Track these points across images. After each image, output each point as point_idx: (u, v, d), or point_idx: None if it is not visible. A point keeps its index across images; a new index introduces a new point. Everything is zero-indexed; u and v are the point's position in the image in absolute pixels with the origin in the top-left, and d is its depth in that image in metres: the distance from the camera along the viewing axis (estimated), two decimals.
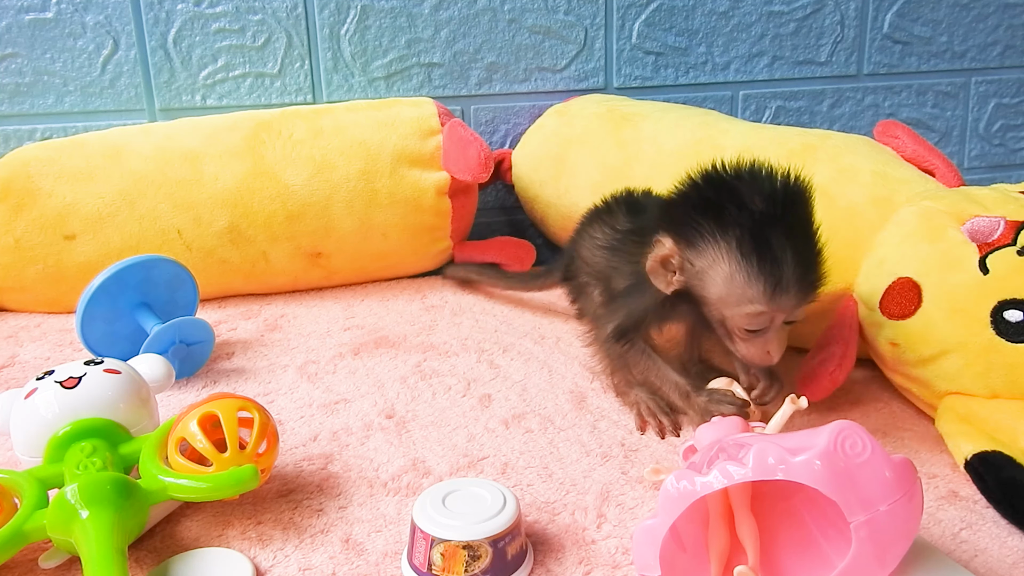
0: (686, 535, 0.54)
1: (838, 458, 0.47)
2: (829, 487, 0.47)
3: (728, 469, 0.48)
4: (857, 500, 0.47)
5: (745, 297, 0.63)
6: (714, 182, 0.65)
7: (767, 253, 0.61)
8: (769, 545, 0.55)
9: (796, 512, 0.56)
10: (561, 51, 1.26)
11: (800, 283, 0.63)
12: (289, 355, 0.90)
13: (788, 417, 0.62)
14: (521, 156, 1.20)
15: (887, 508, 0.47)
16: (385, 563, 0.57)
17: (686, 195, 0.67)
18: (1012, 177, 1.47)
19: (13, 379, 0.87)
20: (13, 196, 1.00)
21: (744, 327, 0.64)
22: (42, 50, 1.13)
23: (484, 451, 0.71)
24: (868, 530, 0.47)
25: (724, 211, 0.63)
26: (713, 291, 0.65)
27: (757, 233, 0.61)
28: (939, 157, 0.85)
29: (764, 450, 0.48)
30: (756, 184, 0.63)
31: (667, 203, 0.69)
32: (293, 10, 1.17)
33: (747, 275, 0.62)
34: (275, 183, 1.04)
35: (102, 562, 0.51)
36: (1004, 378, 0.68)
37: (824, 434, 0.48)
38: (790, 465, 0.47)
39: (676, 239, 0.66)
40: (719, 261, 0.63)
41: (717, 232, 0.63)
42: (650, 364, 0.74)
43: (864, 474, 0.47)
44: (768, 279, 0.62)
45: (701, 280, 0.65)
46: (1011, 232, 0.71)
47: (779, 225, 0.62)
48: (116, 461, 0.60)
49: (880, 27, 1.35)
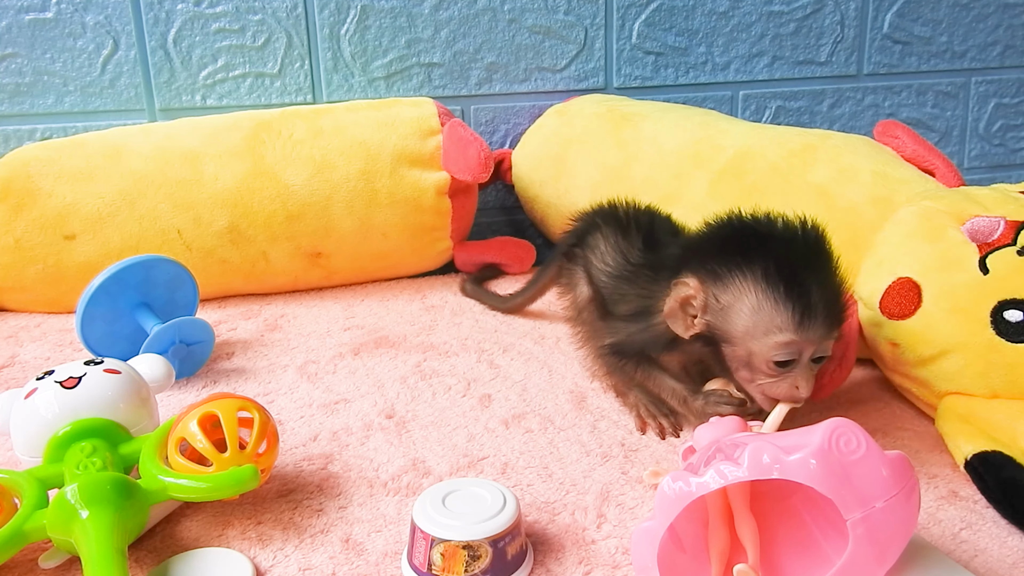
0: (686, 536, 0.54)
1: (833, 456, 0.47)
2: (824, 485, 0.47)
3: (723, 469, 0.48)
4: (853, 497, 0.47)
5: (773, 325, 0.62)
6: (737, 222, 0.66)
7: (794, 281, 0.61)
8: (769, 544, 0.55)
9: (795, 511, 0.56)
10: (561, 51, 1.26)
11: (827, 312, 0.62)
12: (289, 355, 0.90)
13: (784, 415, 0.62)
14: (521, 156, 1.20)
15: (883, 505, 0.47)
16: (385, 563, 0.57)
17: (710, 236, 0.67)
18: (1012, 177, 1.47)
19: (13, 379, 0.87)
20: (13, 196, 1.00)
21: (772, 359, 0.62)
22: (42, 50, 1.13)
23: (484, 451, 0.71)
24: (865, 527, 0.47)
25: (750, 246, 0.63)
26: (739, 324, 0.63)
27: (783, 264, 0.62)
28: (939, 157, 0.85)
29: (759, 449, 0.48)
30: (777, 224, 0.64)
31: (690, 244, 0.69)
32: (293, 10, 1.18)
33: (775, 303, 0.61)
34: (275, 183, 1.04)
35: (102, 562, 0.51)
36: (1004, 378, 0.68)
37: (819, 432, 0.48)
38: (785, 464, 0.47)
39: (701, 277, 0.65)
40: (746, 292, 0.62)
41: (744, 265, 0.62)
42: (646, 373, 0.75)
43: (859, 471, 0.47)
44: (796, 306, 0.61)
45: (726, 316, 0.64)
46: (1011, 232, 0.71)
47: (804, 257, 0.63)
48: (116, 461, 0.60)
49: (880, 27, 1.35)
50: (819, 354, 0.63)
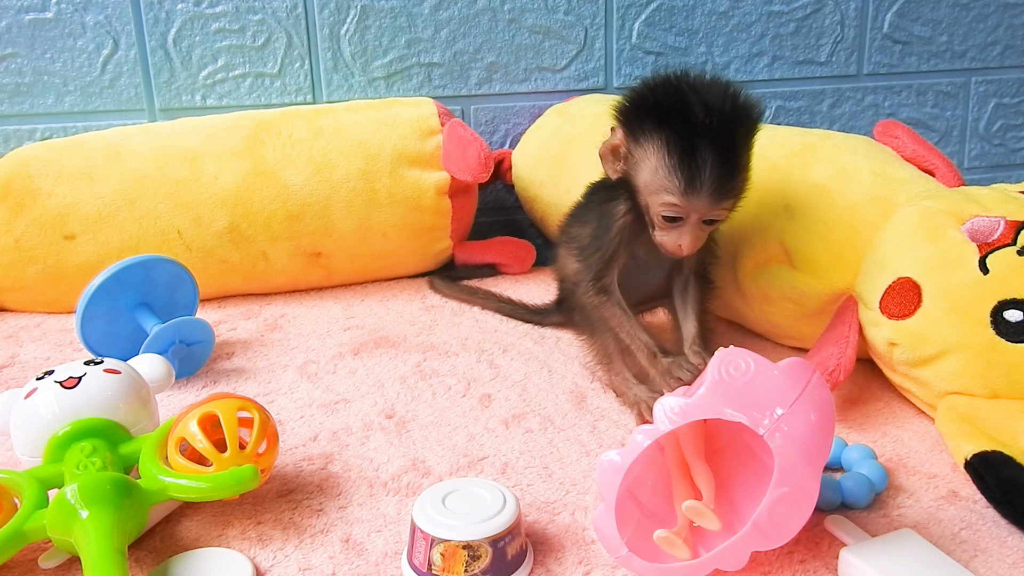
0: (656, 508, 0.57)
1: (725, 383, 0.51)
2: (727, 411, 0.50)
3: (640, 431, 0.52)
4: (758, 412, 0.50)
5: (663, 187, 0.72)
6: (669, 87, 0.74)
7: (688, 156, 0.70)
8: (737, 486, 0.57)
9: (749, 450, 0.58)
10: (561, 51, 1.26)
11: (713, 187, 0.71)
12: (289, 355, 0.90)
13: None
14: (521, 156, 1.20)
15: (787, 410, 0.50)
16: (385, 563, 0.57)
17: (643, 94, 0.75)
18: (1012, 177, 1.47)
19: (13, 379, 0.87)
20: (13, 196, 1.00)
21: (661, 214, 0.73)
22: (42, 50, 1.13)
23: (484, 451, 0.71)
24: (780, 434, 0.50)
25: (667, 115, 0.72)
26: (642, 179, 0.74)
27: (687, 138, 0.70)
28: (939, 157, 0.85)
29: (665, 403, 0.52)
30: (704, 95, 0.71)
31: (625, 97, 0.77)
32: (293, 10, 1.18)
33: (667, 171, 0.71)
34: (275, 183, 1.04)
35: (102, 562, 0.51)
36: (1004, 378, 0.68)
37: (709, 368, 0.52)
38: (686, 408, 0.51)
39: (625, 132, 0.75)
40: (651, 154, 0.73)
41: (655, 132, 0.72)
42: (624, 320, 0.78)
43: (755, 388, 0.51)
44: (684, 176, 0.71)
45: (637, 169, 0.75)
46: (1011, 232, 0.71)
47: (711, 135, 0.70)
48: (116, 461, 0.60)
49: (880, 27, 1.35)
50: (708, 218, 0.74)
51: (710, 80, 0.74)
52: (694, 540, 0.55)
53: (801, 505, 0.50)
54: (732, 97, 0.72)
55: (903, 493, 0.64)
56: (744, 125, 0.73)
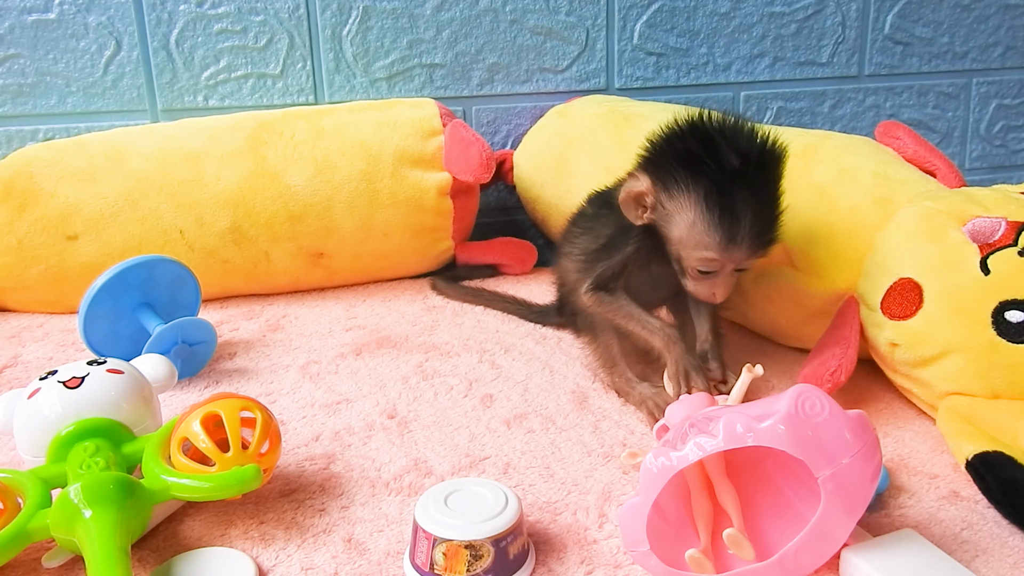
0: (669, 510, 0.57)
1: (800, 419, 0.50)
2: (795, 447, 0.50)
3: (701, 442, 0.51)
4: (821, 456, 0.50)
5: (702, 244, 0.70)
6: (697, 133, 0.71)
7: (728, 209, 0.68)
8: (747, 509, 0.57)
9: (768, 476, 0.58)
10: (563, 52, 1.27)
11: (753, 240, 0.70)
12: (291, 355, 0.91)
13: (746, 388, 0.66)
14: (523, 157, 1.20)
15: (849, 461, 0.50)
16: (387, 563, 0.57)
17: (669, 141, 0.72)
18: (1013, 178, 1.47)
19: (16, 379, 0.87)
20: (16, 196, 1.01)
21: (697, 268, 0.72)
22: (45, 51, 1.13)
23: (486, 451, 0.71)
24: (834, 483, 0.50)
25: (700, 163, 0.69)
26: (676, 232, 0.72)
27: (725, 190, 0.68)
28: (940, 158, 0.85)
29: (733, 420, 0.51)
30: (735, 141, 0.69)
31: (650, 144, 0.74)
32: (295, 11, 1.18)
33: (707, 226, 0.69)
34: (277, 184, 1.04)
35: (105, 561, 0.51)
36: (1005, 378, 0.68)
37: (785, 399, 0.51)
38: (758, 431, 0.50)
39: (653, 180, 0.72)
40: (686, 208, 0.70)
41: (690, 182, 0.69)
42: (632, 309, 0.77)
43: (825, 432, 0.50)
44: (725, 232, 0.69)
45: (668, 221, 0.72)
46: (1012, 233, 0.71)
47: (747, 184, 0.68)
48: (119, 461, 0.60)
49: (881, 28, 1.36)
50: (740, 267, 0.72)
51: (734, 121, 0.71)
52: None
53: (826, 552, 0.51)
54: (761, 140, 0.70)
55: (904, 493, 0.64)
56: (776, 168, 0.71)
